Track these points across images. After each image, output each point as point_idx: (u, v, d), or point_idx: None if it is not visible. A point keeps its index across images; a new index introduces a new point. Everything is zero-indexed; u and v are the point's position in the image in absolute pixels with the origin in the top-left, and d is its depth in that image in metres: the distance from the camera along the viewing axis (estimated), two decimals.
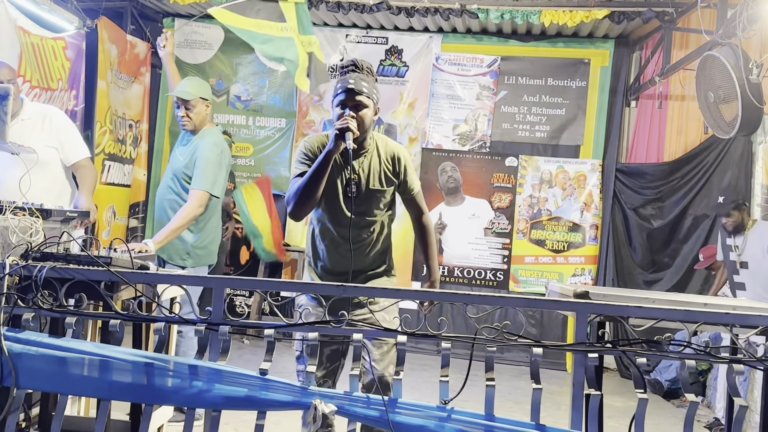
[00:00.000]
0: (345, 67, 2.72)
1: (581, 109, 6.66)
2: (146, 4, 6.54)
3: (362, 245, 2.76)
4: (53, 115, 3.76)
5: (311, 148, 2.72)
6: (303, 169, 2.67)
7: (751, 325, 2.19)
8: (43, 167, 3.57)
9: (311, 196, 2.61)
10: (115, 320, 2.20)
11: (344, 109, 2.61)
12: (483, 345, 2.17)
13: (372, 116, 2.68)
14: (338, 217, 2.71)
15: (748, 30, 4.10)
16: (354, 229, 2.69)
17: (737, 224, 4.99)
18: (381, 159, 2.76)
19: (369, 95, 2.64)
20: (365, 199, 2.73)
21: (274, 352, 2.17)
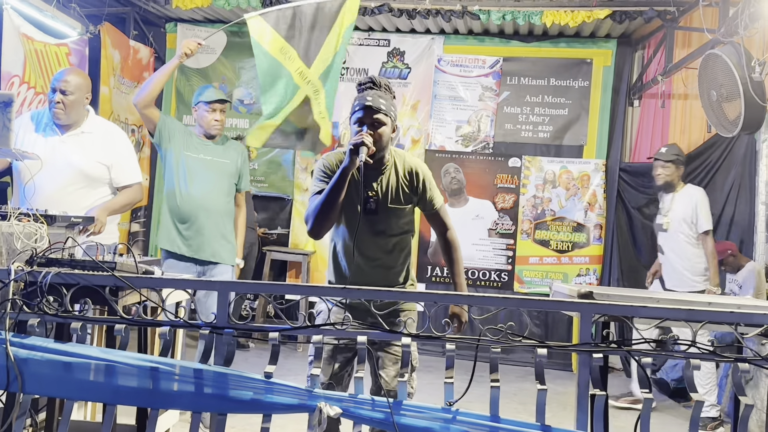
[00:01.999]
0: (363, 84, 2.73)
1: (584, 109, 6.66)
2: (149, 9, 6.55)
3: (382, 262, 2.76)
4: (114, 134, 3.76)
5: (329, 165, 2.73)
6: (321, 186, 2.67)
7: (755, 323, 2.19)
8: (92, 184, 3.59)
9: (330, 213, 2.63)
10: (120, 325, 2.21)
11: (362, 126, 2.62)
12: (487, 346, 2.17)
13: (390, 133, 2.68)
14: (358, 235, 2.69)
15: (750, 28, 4.10)
16: (374, 247, 2.70)
17: (668, 181, 5.00)
18: (399, 176, 2.76)
19: (387, 113, 2.65)
20: (384, 217, 2.73)
21: (279, 355, 2.18)
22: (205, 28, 6.98)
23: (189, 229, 4.04)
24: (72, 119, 3.54)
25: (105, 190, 3.65)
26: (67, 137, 3.54)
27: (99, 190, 3.61)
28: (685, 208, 4.92)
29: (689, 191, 5.01)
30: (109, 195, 3.67)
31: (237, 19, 6.76)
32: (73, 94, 3.49)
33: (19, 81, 4.62)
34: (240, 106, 7.08)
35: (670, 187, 5.02)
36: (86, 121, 3.62)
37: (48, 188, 3.31)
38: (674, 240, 4.95)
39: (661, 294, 2.62)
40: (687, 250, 4.92)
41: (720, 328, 2.30)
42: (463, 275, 2.92)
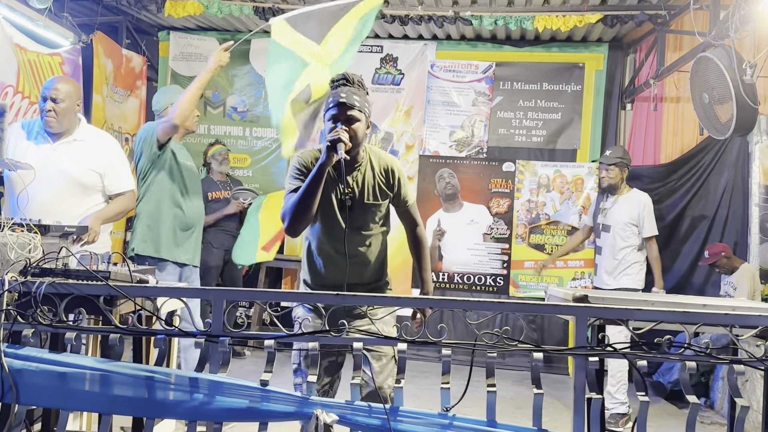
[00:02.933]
0: (336, 81, 2.73)
1: (577, 113, 6.68)
2: (141, 18, 6.56)
3: (359, 259, 2.76)
4: (106, 142, 3.76)
5: (304, 162, 2.72)
6: (297, 184, 2.66)
7: (750, 325, 2.20)
8: (84, 192, 3.59)
9: (307, 211, 2.62)
10: (114, 335, 2.20)
11: (336, 123, 2.62)
12: (483, 351, 2.17)
13: (364, 129, 2.69)
14: (334, 232, 2.71)
15: (740, 31, 4.12)
16: (350, 243, 2.70)
17: (611, 184, 5.01)
18: (375, 172, 2.77)
19: (361, 109, 2.65)
20: (361, 213, 2.74)
21: (275, 362, 2.17)
22: (198, 36, 6.99)
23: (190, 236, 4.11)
24: (64, 127, 3.53)
25: (98, 198, 3.64)
26: (59, 145, 3.53)
27: (92, 198, 3.60)
28: (630, 212, 4.95)
29: (636, 196, 5.03)
30: (102, 203, 3.67)
31: (228, 27, 6.82)
32: (63, 102, 3.48)
33: (12, 91, 4.61)
34: (233, 114, 7.08)
35: (613, 189, 5.04)
36: (78, 129, 3.61)
37: (41, 197, 3.30)
38: (614, 240, 4.97)
39: (656, 297, 2.62)
40: (621, 252, 4.94)
41: (715, 329, 2.30)
42: (430, 271, 2.98)
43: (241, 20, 6.47)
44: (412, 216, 2.92)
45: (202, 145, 6.84)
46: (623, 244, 4.94)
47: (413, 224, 2.93)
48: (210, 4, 5.89)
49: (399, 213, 2.91)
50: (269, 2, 5.93)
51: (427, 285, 2.97)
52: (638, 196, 5.04)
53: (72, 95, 3.53)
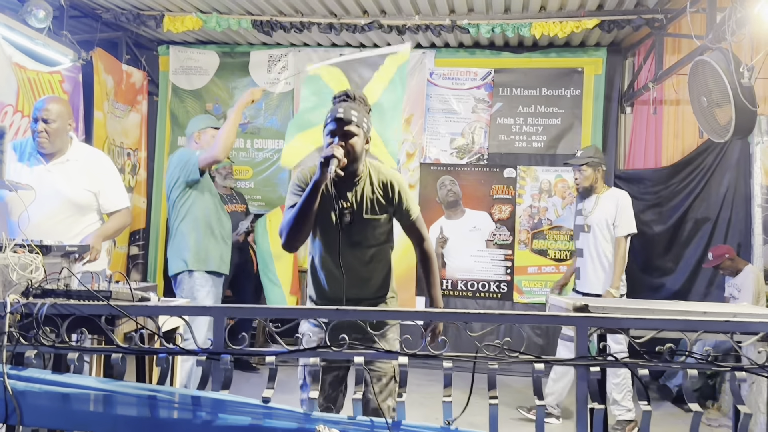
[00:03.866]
0: (337, 97, 2.76)
1: (577, 117, 6.68)
2: (141, 33, 6.59)
3: (360, 274, 2.76)
4: (99, 160, 3.79)
5: (303, 179, 2.74)
6: (295, 200, 2.68)
7: (751, 331, 2.19)
8: (79, 211, 3.61)
9: (302, 226, 2.64)
10: (116, 354, 2.21)
11: (333, 138, 2.64)
12: (485, 363, 2.17)
13: (362, 145, 2.70)
14: (335, 248, 2.71)
15: (737, 34, 4.12)
16: (351, 259, 2.71)
17: (587, 186, 4.92)
18: (374, 186, 2.77)
19: (358, 124, 2.66)
20: (361, 229, 2.74)
21: (284, 376, 2.18)
22: (198, 50, 7.02)
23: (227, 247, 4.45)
24: (56, 147, 3.54)
25: (93, 217, 3.66)
26: (53, 166, 3.55)
27: (87, 217, 3.63)
28: (608, 210, 4.86)
29: (614, 194, 4.95)
30: (97, 221, 3.69)
31: (227, 40, 6.85)
32: (55, 122, 3.50)
33: (12, 110, 4.64)
34: None
35: (591, 190, 4.95)
36: (70, 148, 3.63)
37: (36, 217, 3.30)
38: (595, 242, 4.88)
39: (656, 304, 2.62)
40: (605, 252, 4.86)
41: (716, 336, 2.30)
42: (439, 287, 2.94)
43: (240, 33, 6.51)
44: (418, 230, 2.89)
45: None
46: (607, 245, 4.85)
47: (420, 239, 2.91)
48: (208, 18, 5.92)
49: (404, 228, 2.90)
50: (267, 15, 5.96)
51: (436, 302, 2.93)
52: (615, 194, 4.95)
53: (63, 115, 3.54)
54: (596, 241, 4.87)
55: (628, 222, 4.88)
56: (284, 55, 6.94)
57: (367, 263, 2.78)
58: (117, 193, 3.75)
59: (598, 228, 4.86)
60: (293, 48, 6.92)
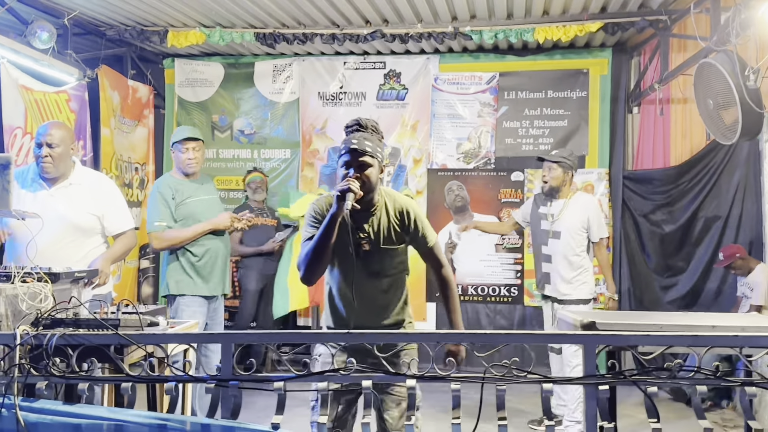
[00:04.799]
0: (349, 126, 2.75)
1: (583, 119, 6.65)
2: (145, 47, 6.62)
3: (378, 303, 2.78)
4: (102, 183, 3.82)
5: (320, 210, 2.75)
6: (312, 232, 2.69)
7: (760, 345, 2.18)
8: (84, 235, 3.63)
9: (320, 259, 2.65)
10: (126, 383, 2.23)
11: (348, 169, 2.65)
12: (493, 384, 2.17)
13: (378, 174, 2.70)
14: (353, 277, 2.72)
15: (742, 36, 4.09)
16: (369, 288, 2.73)
17: (554, 186, 4.83)
18: (390, 216, 2.77)
19: (373, 154, 2.66)
20: (378, 259, 2.75)
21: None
22: (203, 62, 7.04)
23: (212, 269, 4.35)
24: (60, 171, 3.58)
25: (98, 240, 3.69)
26: (55, 190, 3.58)
27: (92, 240, 3.65)
28: (580, 216, 4.77)
29: (584, 198, 4.89)
30: (102, 244, 3.71)
31: (232, 52, 6.88)
32: (59, 147, 3.54)
33: (21, 132, 4.67)
34: (241, 137, 7.13)
35: (557, 191, 4.85)
36: (73, 172, 3.66)
37: (41, 243, 3.32)
38: (565, 247, 4.79)
39: (664, 319, 2.60)
40: (576, 257, 4.77)
41: (725, 350, 2.28)
42: (459, 313, 2.92)
43: (244, 45, 6.52)
44: (436, 257, 2.89)
45: (212, 170, 6.91)
46: (578, 250, 4.77)
47: (438, 266, 2.91)
48: (212, 33, 5.94)
49: (422, 255, 2.90)
50: (270, 28, 5.97)
51: (456, 327, 2.91)
52: (585, 199, 4.91)
53: (66, 140, 3.59)
54: (566, 247, 4.77)
55: (601, 226, 4.82)
56: (289, 65, 6.96)
57: (385, 292, 2.79)
58: (121, 216, 3.77)
59: (569, 233, 4.77)
60: (297, 57, 6.93)
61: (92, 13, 5.55)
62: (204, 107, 7.09)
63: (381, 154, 2.72)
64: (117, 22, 5.86)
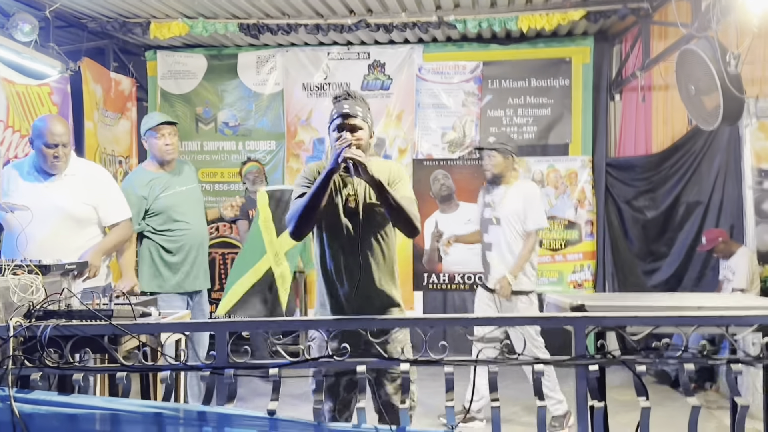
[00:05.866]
0: (338, 96, 2.86)
1: (566, 107, 6.70)
2: (127, 40, 6.57)
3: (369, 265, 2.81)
4: (97, 174, 3.82)
5: (311, 173, 2.84)
6: (303, 191, 2.76)
7: (745, 324, 2.23)
8: (79, 225, 3.63)
9: (313, 213, 2.70)
10: (120, 372, 2.24)
11: (341, 132, 2.75)
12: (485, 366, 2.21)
13: (368, 138, 2.82)
14: (341, 238, 2.79)
15: (722, 22, 4.15)
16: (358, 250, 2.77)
17: (496, 173, 4.71)
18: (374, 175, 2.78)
19: (364, 118, 2.79)
20: (365, 216, 2.80)
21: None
22: (185, 54, 6.99)
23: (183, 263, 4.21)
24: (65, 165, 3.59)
25: (94, 230, 3.68)
26: (52, 182, 3.57)
27: (88, 231, 3.65)
28: (516, 203, 4.65)
29: (523, 186, 4.77)
30: (98, 234, 3.71)
31: (215, 43, 6.85)
32: (66, 145, 3.58)
33: (3, 126, 4.63)
34: (225, 129, 7.10)
35: (499, 179, 4.74)
36: (69, 163, 3.65)
37: (38, 235, 3.33)
38: (505, 235, 4.67)
39: (651, 299, 2.65)
40: (515, 247, 4.64)
41: (711, 330, 2.34)
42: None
43: (227, 36, 6.49)
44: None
45: (197, 162, 6.89)
46: (516, 239, 4.65)
47: None
48: (194, 23, 5.91)
49: None
50: (253, 18, 5.95)
51: None
52: (526, 186, 4.79)
53: (69, 134, 3.64)
54: (506, 236, 4.66)
55: (537, 216, 4.65)
56: (272, 56, 6.94)
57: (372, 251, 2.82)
58: (116, 206, 3.76)
59: (507, 222, 4.66)
60: (281, 48, 6.91)
61: (74, 5, 5.50)
62: (187, 99, 7.05)
63: (370, 119, 2.85)
64: (99, 14, 5.81)
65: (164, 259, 4.22)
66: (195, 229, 4.33)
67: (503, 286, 4.55)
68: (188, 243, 4.29)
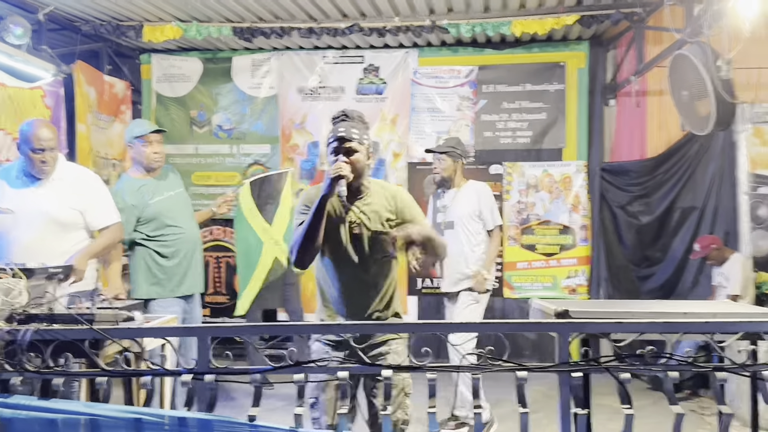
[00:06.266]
0: (336, 117, 2.87)
1: (561, 111, 6.70)
2: (121, 43, 6.56)
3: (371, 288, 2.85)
4: (85, 178, 3.79)
5: (309, 199, 2.83)
6: (303, 218, 2.77)
7: (731, 331, 2.22)
8: (65, 230, 3.61)
9: (312, 242, 2.72)
10: (101, 378, 2.22)
11: (337, 155, 2.75)
12: (468, 372, 2.19)
13: (365, 161, 2.81)
14: (344, 264, 2.82)
15: (714, 27, 4.14)
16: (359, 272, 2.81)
17: (445, 177, 4.70)
18: (379, 202, 2.86)
19: (360, 141, 2.78)
20: (368, 243, 2.82)
21: (262, 397, 2.19)
22: (180, 57, 7.00)
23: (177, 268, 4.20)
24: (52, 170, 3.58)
25: (81, 234, 3.66)
26: (40, 186, 3.56)
27: (74, 235, 3.63)
28: (469, 204, 4.65)
29: (474, 186, 4.74)
30: (85, 239, 3.69)
31: (209, 46, 6.85)
32: (54, 150, 3.56)
33: None
34: (220, 132, 7.09)
35: (448, 182, 4.73)
36: (57, 167, 3.64)
37: (24, 239, 3.33)
38: (458, 238, 4.63)
39: (638, 307, 2.64)
40: (470, 248, 4.63)
41: (697, 337, 2.32)
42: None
43: (221, 40, 6.49)
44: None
45: (191, 165, 6.90)
46: (473, 240, 4.64)
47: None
48: (188, 27, 5.90)
49: None
50: (247, 22, 5.95)
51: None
52: (475, 187, 4.75)
53: (56, 139, 3.61)
54: (459, 238, 4.63)
55: (493, 213, 4.68)
56: (267, 60, 6.93)
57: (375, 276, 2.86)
58: (104, 210, 3.74)
59: (461, 223, 4.64)
60: (276, 52, 6.91)
61: (67, 8, 5.50)
62: (182, 103, 7.05)
63: (368, 141, 2.84)
64: (92, 17, 5.80)
65: (160, 264, 4.19)
66: (188, 232, 4.31)
67: (479, 281, 4.58)
68: (183, 247, 4.26)
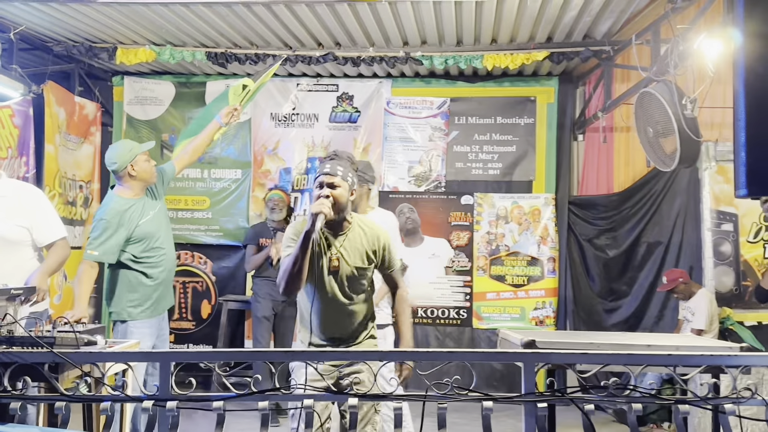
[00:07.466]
0: (326, 157, 3.12)
1: (531, 145, 6.80)
2: (93, 64, 6.53)
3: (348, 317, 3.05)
4: (28, 194, 3.70)
5: (296, 231, 3.01)
6: (290, 251, 2.95)
7: (693, 364, 2.24)
8: (12, 247, 3.53)
9: (297, 274, 2.90)
10: (60, 402, 2.17)
11: (321, 189, 2.94)
12: (434, 402, 2.18)
13: (348, 196, 2.99)
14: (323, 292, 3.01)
15: (680, 67, 4.26)
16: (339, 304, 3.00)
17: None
18: (362, 239, 3.05)
19: (344, 177, 2.96)
20: (347, 276, 3.01)
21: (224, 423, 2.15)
22: (153, 80, 6.98)
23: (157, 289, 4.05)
24: None
25: (28, 252, 3.59)
26: None
27: (21, 253, 3.55)
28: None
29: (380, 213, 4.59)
30: (32, 256, 3.61)
31: (183, 70, 6.84)
32: None
33: None
34: None
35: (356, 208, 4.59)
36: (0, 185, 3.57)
37: None
38: None
39: (603, 339, 2.66)
40: None
41: (661, 369, 2.35)
42: (410, 327, 3.21)
43: (195, 65, 6.49)
44: (395, 279, 3.22)
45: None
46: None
47: (395, 286, 3.26)
48: (162, 50, 5.90)
49: (383, 276, 3.22)
50: (222, 47, 5.97)
51: (404, 340, 3.19)
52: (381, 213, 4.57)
53: None
54: None
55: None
56: None
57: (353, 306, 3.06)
58: (50, 226, 3.66)
59: None
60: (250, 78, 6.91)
61: (39, 28, 5.47)
62: (154, 126, 7.00)
63: (351, 179, 3.01)
64: (65, 38, 5.78)
65: (145, 285, 3.98)
66: (169, 252, 4.17)
67: None
68: (166, 266, 4.13)
